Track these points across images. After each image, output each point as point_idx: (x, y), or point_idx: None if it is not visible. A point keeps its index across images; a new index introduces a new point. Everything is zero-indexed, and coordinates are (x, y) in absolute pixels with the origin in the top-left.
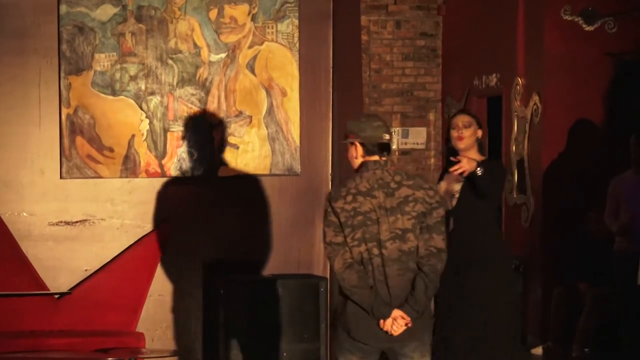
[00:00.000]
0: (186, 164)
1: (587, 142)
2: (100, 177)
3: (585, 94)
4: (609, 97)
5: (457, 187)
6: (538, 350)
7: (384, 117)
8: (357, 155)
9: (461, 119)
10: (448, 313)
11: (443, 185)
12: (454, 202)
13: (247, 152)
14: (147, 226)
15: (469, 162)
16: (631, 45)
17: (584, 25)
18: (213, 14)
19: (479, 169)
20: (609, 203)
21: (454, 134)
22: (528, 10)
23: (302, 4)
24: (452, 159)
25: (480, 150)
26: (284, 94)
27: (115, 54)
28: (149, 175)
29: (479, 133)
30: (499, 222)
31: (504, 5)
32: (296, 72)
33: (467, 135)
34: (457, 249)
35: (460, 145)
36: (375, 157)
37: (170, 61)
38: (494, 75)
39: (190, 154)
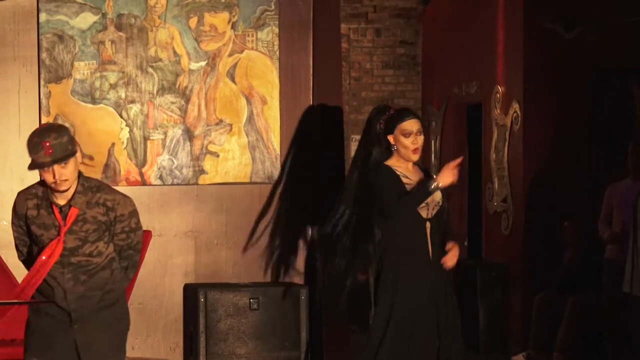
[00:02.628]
0: (166, 172)
1: (567, 150)
2: None
3: (564, 102)
4: (589, 105)
5: (439, 196)
6: (519, 358)
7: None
8: None
9: (414, 125)
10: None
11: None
12: (434, 212)
13: (228, 160)
14: None
15: (455, 255)
16: (610, 53)
17: (563, 34)
18: (193, 22)
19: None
20: (603, 210)
21: (408, 142)
22: (507, 18)
23: (282, 12)
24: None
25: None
26: (264, 102)
27: (95, 62)
28: (129, 183)
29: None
30: None
31: (484, 13)
32: (276, 80)
33: (422, 144)
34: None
35: (416, 157)
36: None
37: (150, 69)
38: (474, 83)
39: (170, 162)
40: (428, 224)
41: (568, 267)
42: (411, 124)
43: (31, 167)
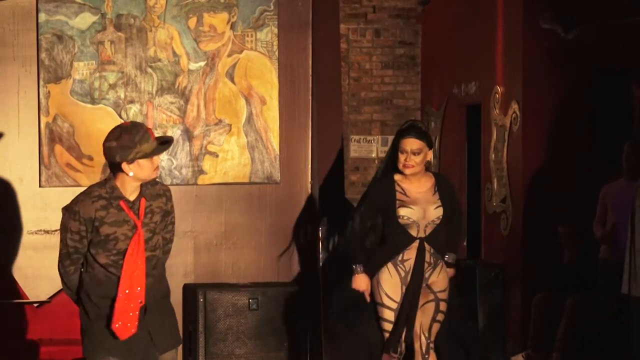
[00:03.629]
0: (165, 173)
1: (566, 151)
2: (79, 185)
3: (564, 103)
4: (588, 105)
5: (436, 214)
6: (518, 358)
7: (363, 126)
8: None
9: (410, 145)
10: None
11: (414, 213)
12: (429, 230)
13: (227, 160)
14: None
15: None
16: (609, 53)
17: (562, 34)
18: (192, 22)
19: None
20: (598, 211)
21: (402, 158)
22: (507, 18)
23: (282, 13)
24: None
25: (429, 168)
26: (263, 102)
27: (94, 62)
28: None
29: (430, 156)
30: None
31: (483, 13)
32: (275, 81)
33: (417, 162)
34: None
35: (407, 171)
36: None
37: (149, 69)
38: (473, 83)
39: (169, 162)
40: (416, 243)
41: (567, 267)
42: (408, 143)
43: (155, 152)
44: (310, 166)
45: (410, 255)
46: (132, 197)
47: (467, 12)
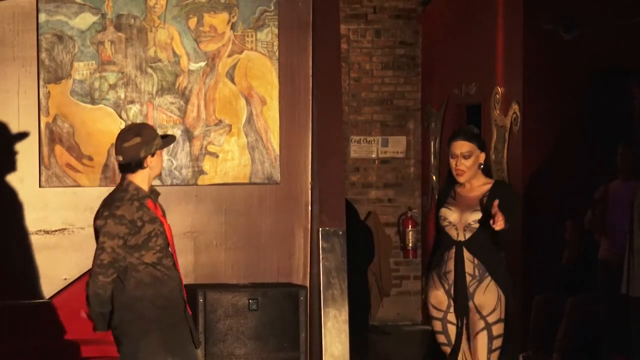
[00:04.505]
0: (165, 173)
1: (566, 151)
2: (79, 185)
3: (564, 103)
4: (588, 106)
5: (473, 217)
6: (518, 359)
7: (363, 126)
8: None
9: (459, 148)
10: None
11: (452, 214)
12: (468, 235)
13: (227, 160)
14: None
15: (502, 219)
16: (609, 54)
17: (562, 34)
18: (192, 22)
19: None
20: (592, 207)
21: (452, 163)
22: (507, 19)
23: (282, 13)
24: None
25: (486, 173)
26: (263, 102)
27: (94, 62)
28: None
29: (482, 158)
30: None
31: (484, 14)
32: (276, 81)
33: (468, 167)
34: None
35: (460, 179)
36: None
37: (149, 70)
38: (474, 84)
39: (169, 162)
40: (456, 247)
41: (567, 268)
42: (456, 146)
43: (167, 143)
44: (310, 167)
45: (451, 266)
46: (148, 192)
47: (468, 12)
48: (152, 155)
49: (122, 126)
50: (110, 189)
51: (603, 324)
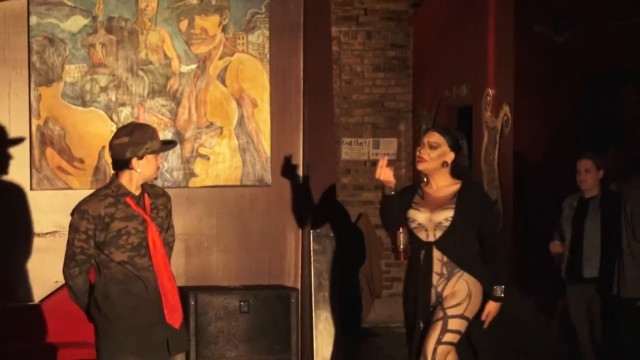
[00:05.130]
0: None
1: (557, 153)
2: (70, 188)
3: (555, 105)
4: (579, 107)
5: (444, 216)
6: None
7: (354, 128)
8: None
9: (429, 136)
10: None
11: (420, 215)
12: (439, 234)
13: (218, 163)
14: None
15: (495, 309)
16: (600, 56)
17: (553, 36)
18: (183, 25)
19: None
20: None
21: (417, 151)
22: (498, 21)
23: (273, 15)
24: None
25: (456, 174)
26: (254, 105)
27: (85, 65)
28: None
29: (450, 157)
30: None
31: (475, 16)
32: (267, 83)
33: (431, 157)
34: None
35: (419, 166)
36: None
37: (140, 72)
38: (465, 86)
39: (161, 165)
40: (425, 249)
41: (558, 269)
42: (426, 135)
43: (163, 149)
44: (301, 169)
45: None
46: (136, 193)
47: (459, 14)
48: (140, 158)
49: (114, 129)
50: None
51: (595, 325)
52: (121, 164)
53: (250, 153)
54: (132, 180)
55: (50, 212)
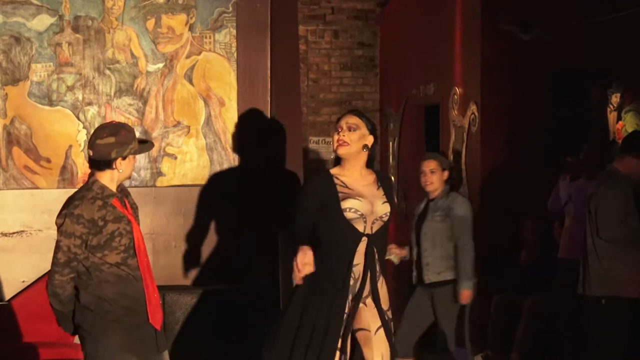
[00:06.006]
0: None
1: (524, 151)
2: (37, 187)
3: (522, 104)
4: (546, 106)
5: (384, 210)
6: (477, 359)
7: (322, 127)
8: None
9: (346, 119)
10: None
11: (363, 206)
12: (376, 228)
13: (186, 162)
14: None
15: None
16: (567, 55)
17: (520, 35)
18: (150, 24)
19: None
20: (553, 194)
21: (335, 136)
22: (465, 20)
23: (240, 14)
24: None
25: (370, 164)
26: (222, 103)
27: (52, 64)
28: None
29: (369, 140)
30: None
31: (441, 15)
32: (234, 82)
33: (352, 140)
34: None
35: (339, 151)
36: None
37: (107, 71)
38: (432, 84)
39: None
40: (365, 239)
41: (525, 268)
42: (343, 119)
43: (143, 149)
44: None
45: (358, 259)
46: (118, 195)
47: (426, 13)
48: (124, 158)
49: (80, 128)
50: (69, 190)
51: (562, 324)
52: (103, 164)
53: (217, 152)
54: (113, 180)
55: (17, 211)
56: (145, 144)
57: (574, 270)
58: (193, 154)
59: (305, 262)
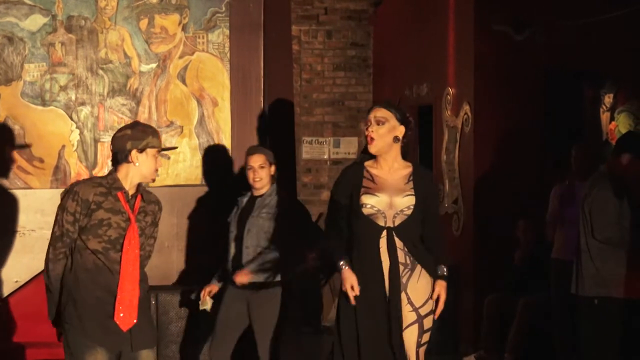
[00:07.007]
0: None
1: (517, 151)
2: (30, 187)
3: (515, 104)
4: (539, 106)
5: (405, 203)
6: (470, 359)
7: (315, 127)
8: None
9: (374, 112)
10: None
11: (379, 201)
12: (398, 222)
13: (179, 162)
14: None
15: (444, 289)
16: (560, 55)
17: (513, 35)
18: (143, 24)
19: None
20: (549, 210)
21: (365, 131)
22: (458, 20)
23: (233, 14)
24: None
25: (405, 155)
26: (215, 104)
27: (45, 64)
28: None
29: (400, 131)
30: None
31: (435, 15)
32: (227, 82)
33: (380, 134)
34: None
35: (371, 149)
36: None
37: (100, 71)
38: (425, 84)
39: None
40: (385, 233)
41: (518, 268)
42: (372, 112)
43: (163, 148)
44: None
45: (384, 252)
46: (130, 192)
47: (419, 13)
48: (140, 151)
49: (73, 128)
50: (62, 191)
51: (555, 324)
52: (121, 156)
53: (210, 152)
54: (129, 175)
55: (10, 211)
56: (168, 148)
57: (567, 270)
58: (186, 154)
59: (350, 286)
